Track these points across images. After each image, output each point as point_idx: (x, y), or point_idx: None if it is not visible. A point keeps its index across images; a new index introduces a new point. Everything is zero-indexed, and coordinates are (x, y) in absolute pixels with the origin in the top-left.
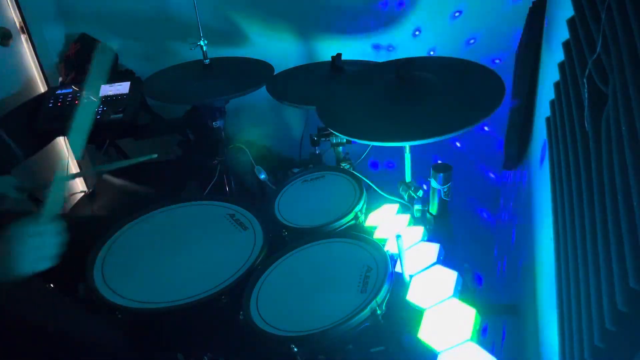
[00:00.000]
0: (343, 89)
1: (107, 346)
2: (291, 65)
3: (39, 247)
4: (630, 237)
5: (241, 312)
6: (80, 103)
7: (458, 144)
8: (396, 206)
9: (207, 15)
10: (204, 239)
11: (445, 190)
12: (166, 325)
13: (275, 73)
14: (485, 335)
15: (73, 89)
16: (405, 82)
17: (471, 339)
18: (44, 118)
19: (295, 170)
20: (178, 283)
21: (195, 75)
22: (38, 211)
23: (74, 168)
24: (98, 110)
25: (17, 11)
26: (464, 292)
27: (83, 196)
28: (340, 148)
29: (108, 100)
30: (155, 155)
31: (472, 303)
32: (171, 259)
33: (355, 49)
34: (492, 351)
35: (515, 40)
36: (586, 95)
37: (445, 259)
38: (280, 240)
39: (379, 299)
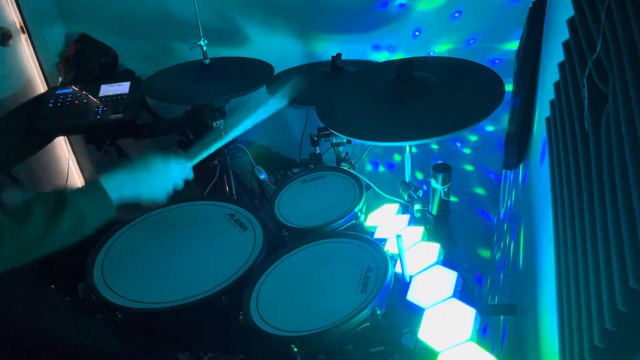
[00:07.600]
0: (343, 89)
1: (105, 348)
2: (291, 65)
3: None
4: (630, 237)
5: (241, 313)
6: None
7: (458, 144)
8: (396, 206)
9: (207, 15)
10: (204, 239)
11: (445, 190)
12: (166, 325)
13: (275, 73)
14: (485, 335)
15: (73, 89)
16: (405, 82)
17: (471, 339)
18: (44, 118)
19: (295, 170)
20: (178, 283)
21: (195, 75)
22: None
23: (73, 168)
24: (98, 110)
25: (17, 11)
26: (464, 292)
27: None
28: (341, 148)
29: (108, 100)
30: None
31: (472, 303)
32: (171, 259)
33: (355, 49)
34: (492, 351)
35: (515, 40)
36: (586, 95)
37: (445, 259)
38: (280, 240)
39: (379, 299)
